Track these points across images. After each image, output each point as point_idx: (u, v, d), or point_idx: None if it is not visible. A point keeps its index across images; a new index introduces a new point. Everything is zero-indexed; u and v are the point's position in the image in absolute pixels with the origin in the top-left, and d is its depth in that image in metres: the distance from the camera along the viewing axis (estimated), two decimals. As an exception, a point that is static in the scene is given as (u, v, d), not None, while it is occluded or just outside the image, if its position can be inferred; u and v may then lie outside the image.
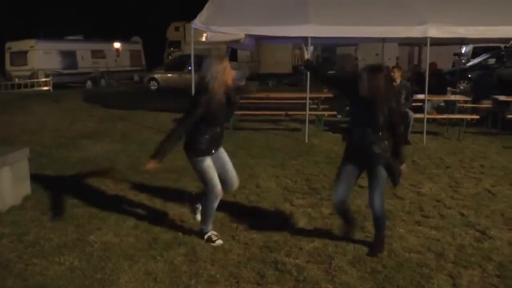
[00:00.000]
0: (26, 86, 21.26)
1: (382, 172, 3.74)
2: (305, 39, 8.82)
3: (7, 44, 23.11)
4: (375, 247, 3.94)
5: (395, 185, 3.89)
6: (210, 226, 4.15)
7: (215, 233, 4.14)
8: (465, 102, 10.35)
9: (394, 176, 3.76)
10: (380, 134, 3.66)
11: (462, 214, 4.82)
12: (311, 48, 10.29)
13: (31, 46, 22.36)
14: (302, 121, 9.17)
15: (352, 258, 3.78)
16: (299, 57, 25.51)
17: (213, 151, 3.96)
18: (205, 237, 4.11)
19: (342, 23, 8.79)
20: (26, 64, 22.33)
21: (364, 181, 5.98)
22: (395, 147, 3.75)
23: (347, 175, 3.88)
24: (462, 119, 9.39)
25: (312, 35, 8.75)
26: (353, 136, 3.82)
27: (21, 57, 22.56)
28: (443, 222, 4.59)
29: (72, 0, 37.59)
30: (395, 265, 3.67)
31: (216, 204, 4.04)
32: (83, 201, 5.15)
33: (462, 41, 12.70)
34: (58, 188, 5.64)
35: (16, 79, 21.62)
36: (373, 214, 3.91)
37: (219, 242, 4.06)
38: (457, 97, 10.49)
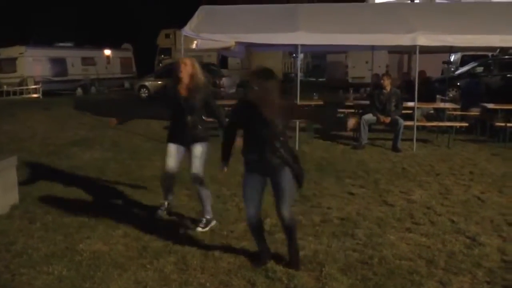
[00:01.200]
0: (15, 93, 21.08)
1: (286, 179, 3.56)
2: (295, 46, 8.86)
3: (-4, 51, 22.93)
4: (295, 259, 3.75)
5: (300, 187, 3.70)
6: (166, 198, 4.90)
7: (165, 206, 4.90)
8: (454, 109, 10.45)
9: (297, 179, 3.60)
10: (278, 142, 3.50)
11: (452, 221, 4.84)
12: (301, 55, 10.31)
13: (20, 53, 22.18)
14: (293, 129, 9.17)
15: (343, 266, 3.78)
16: (289, 65, 25.70)
17: (179, 142, 4.57)
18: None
19: (332, 30, 8.84)
20: (15, 71, 22.13)
21: (355, 188, 6.06)
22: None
23: (256, 193, 3.65)
24: (452, 127, 9.46)
25: (302, 42, 8.80)
26: (252, 154, 3.59)
27: (10, 64, 22.34)
28: (433, 229, 4.61)
29: (63, 7, 37.49)
30: (386, 272, 3.67)
31: (165, 180, 4.76)
32: (72, 210, 5.09)
33: (451, 49, 12.83)
34: (47, 197, 5.58)
35: (5, 87, 21.40)
36: (283, 225, 3.70)
37: (161, 213, 4.87)
38: (446, 105, 10.58)
